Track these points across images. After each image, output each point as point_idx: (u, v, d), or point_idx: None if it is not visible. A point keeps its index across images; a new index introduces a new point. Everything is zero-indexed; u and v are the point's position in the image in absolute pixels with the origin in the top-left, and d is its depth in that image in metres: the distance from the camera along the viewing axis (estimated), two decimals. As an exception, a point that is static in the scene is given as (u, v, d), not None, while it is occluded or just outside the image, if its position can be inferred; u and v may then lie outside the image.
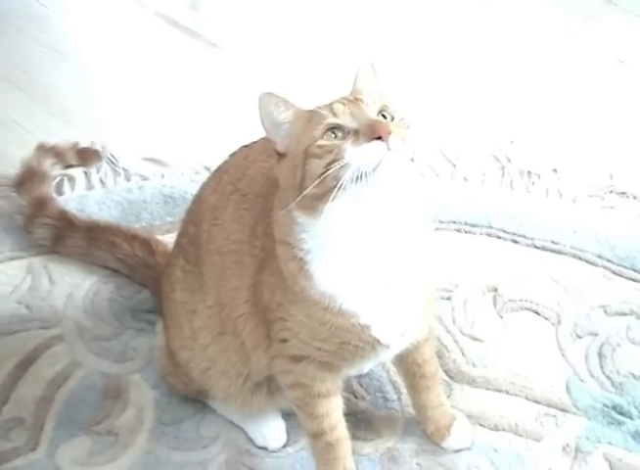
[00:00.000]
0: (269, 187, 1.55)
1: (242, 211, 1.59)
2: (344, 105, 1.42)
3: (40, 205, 2.14)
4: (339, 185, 1.35)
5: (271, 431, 1.79)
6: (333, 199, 1.37)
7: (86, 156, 2.33)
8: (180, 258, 1.72)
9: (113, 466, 1.77)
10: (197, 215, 1.68)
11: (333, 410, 1.62)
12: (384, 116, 1.42)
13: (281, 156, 1.46)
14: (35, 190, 2.17)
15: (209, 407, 1.84)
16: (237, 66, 2.62)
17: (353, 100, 1.44)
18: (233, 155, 1.73)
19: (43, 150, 2.25)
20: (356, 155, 1.36)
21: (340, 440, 1.64)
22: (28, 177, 2.19)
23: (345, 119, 1.40)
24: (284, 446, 1.79)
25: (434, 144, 2.37)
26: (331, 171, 1.36)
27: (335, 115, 1.41)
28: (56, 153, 2.27)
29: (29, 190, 2.17)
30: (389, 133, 1.35)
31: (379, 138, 1.35)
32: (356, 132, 1.38)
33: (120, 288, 2.07)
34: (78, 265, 2.12)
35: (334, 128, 1.40)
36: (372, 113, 1.41)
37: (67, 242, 2.10)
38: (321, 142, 1.40)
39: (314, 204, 1.40)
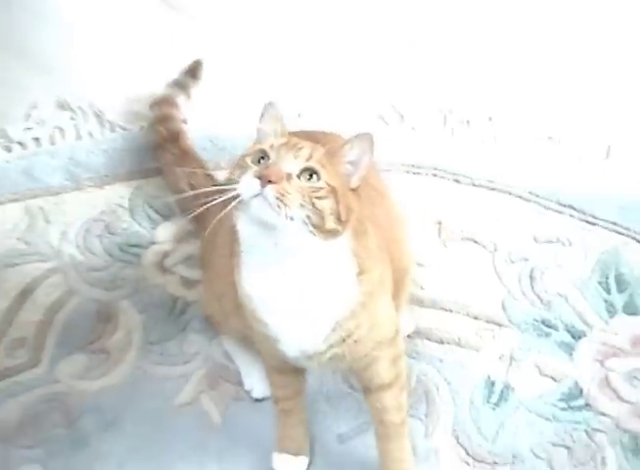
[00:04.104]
0: None
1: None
2: (284, 142, 1.43)
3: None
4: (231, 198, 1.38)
5: (260, 381, 1.87)
6: (237, 209, 1.40)
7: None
8: None
9: (105, 379, 1.92)
10: None
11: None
12: (311, 174, 1.40)
13: None
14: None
15: (192, 328, 1.98)
16: (212, 36, 2.64)
17: (302, 141, 1.45)
18: None
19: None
20: (242, 182, 1.37)
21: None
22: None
23: (272, 152, 1.41)
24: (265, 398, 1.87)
25: (386, 98, 2.46)
26: (226, 188, 1.38)
27: (271, 145, 1.42)
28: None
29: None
30: (270, 182, 1.34)
31: (261, 178, 1.35)
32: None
33: (109, 226, 2.18)
34: (71, 207, 2.22)
35: (263, 153, 1.42)
36: (295, 161, 1.40)
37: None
38: (246, 158, 1.42)
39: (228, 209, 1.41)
